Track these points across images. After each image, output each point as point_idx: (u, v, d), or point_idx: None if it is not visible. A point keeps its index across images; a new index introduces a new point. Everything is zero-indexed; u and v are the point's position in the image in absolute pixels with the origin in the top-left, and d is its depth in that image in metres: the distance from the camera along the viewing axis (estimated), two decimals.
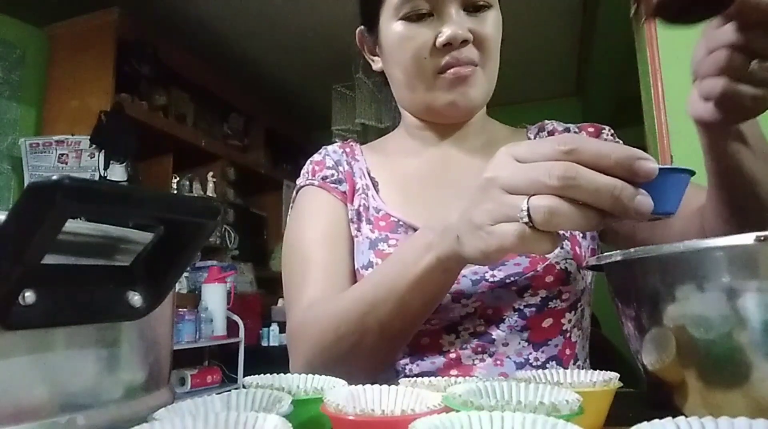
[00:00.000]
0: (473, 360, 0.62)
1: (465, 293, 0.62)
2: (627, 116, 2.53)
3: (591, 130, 0.74)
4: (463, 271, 0.62)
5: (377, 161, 0.76)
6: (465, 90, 0.65)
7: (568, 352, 0.64)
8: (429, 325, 0.63)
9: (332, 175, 0.73)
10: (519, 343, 0.62)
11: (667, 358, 0.36)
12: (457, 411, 0.29)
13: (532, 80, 3.69)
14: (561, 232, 0.64)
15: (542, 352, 0.63)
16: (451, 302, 0.62)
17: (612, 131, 0.73)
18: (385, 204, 0.70)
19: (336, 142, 0.82)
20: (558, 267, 0.61)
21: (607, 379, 0.40)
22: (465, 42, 0.63)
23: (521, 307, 0.62)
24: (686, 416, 0.26)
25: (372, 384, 0.39)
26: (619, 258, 0.38)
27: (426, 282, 0.50)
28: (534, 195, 0.38)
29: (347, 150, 0.78)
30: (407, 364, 0.64)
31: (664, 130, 1.49)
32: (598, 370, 0.43)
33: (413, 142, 0.75)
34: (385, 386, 0.38)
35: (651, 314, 0.36)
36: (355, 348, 0.55)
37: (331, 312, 0.58)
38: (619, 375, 0.41)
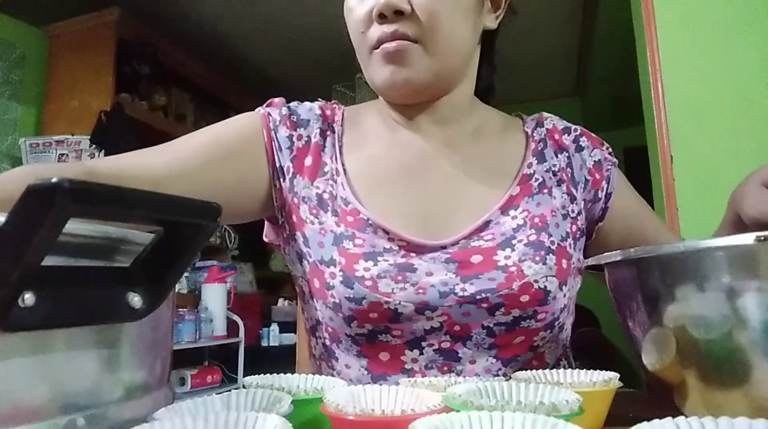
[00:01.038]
0: None
1: (430, 305, 0.57)
2: (627, 116, 2.53)
3: (593, 136, 0.70)
4: (432, 281, 0.58)
5: (353, 139, 0.69)
6: (396, 68, 0.60)
7: (535, 363, 0.61)
8: (390, 336, 0.58)
9: (277, 120, 0.67)
10: (487, 359, 0.59)
11: (667, 358, 0.36)
12: (457, 411, 0.29)
13: (532, 80, 3.69)
14: (550, 244, 0.60)
15: (510, 367, 0.59)
16: (414, 313, 0.57)
17: (611, 150, 0.70)
18: (355, 197, 0.63)
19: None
20: (536, 286, 0.56)
21: (607, 379, 0.40)
22: (400, 13, 0.57)
23: (491, 325, 0.57)
24: (686, 416, 0.26)
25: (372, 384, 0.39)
26: (619, 258, 0.38)
27: None
28: None
29: (327, 113, 0.70)
30: (368, 383, 0.61)
31: (664, 130, 1.49)
32: (598, 370, 0.43)
33: (389, 120, 0.69)
34: (385, 386, 0.38)
35: (651, 314, 0.36)
36: None
37: None
38: (619, 375, 0.41)
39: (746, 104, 1.43)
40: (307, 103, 0.71)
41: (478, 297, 0.56)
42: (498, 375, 0.58)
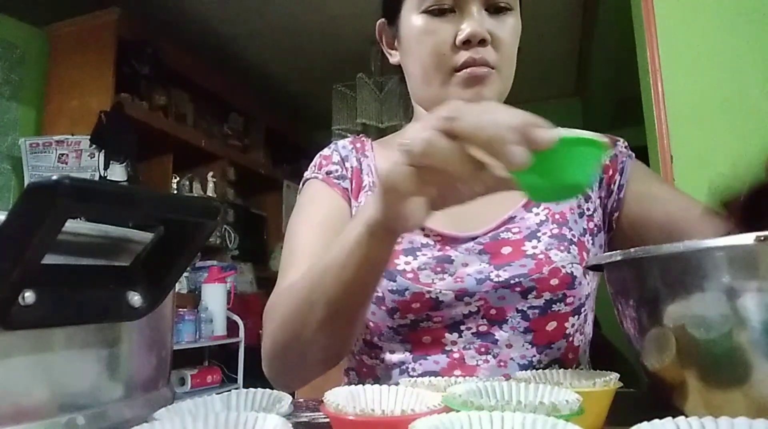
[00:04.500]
0: (477, 360, 0.62)
1: (468, 292, 0.62)
2: (627, 116, 2.53)
3: (606, 138, 0.73)
4: (468, 271, 0.62)
5: (386, 158, 0.76)
6: (479, 90, 0.65)
7: (570, 356, 0.64)
8: (431, 322, 0.63)
9: (336, 170, 0.74)
10: (523, 345, 0.62)
11: (667, 359, 0.36)
12: (457, 411, 0.29)
13: (532, 80, 3.68)
14: (571, 236, 0.64)
15: (545, 354, 0.62)
16: (454, 300, 0.62)
17: (626, 144, 0.73)
18: None
19: (347, 136, 0.82)
20: (564, 270, 0.61)
21: (607, 379, 0.40)
22: (483, 42, 0.63)
23: (524, 309, 0.61)
24: (686, 416, 0.26)
25: (376, 381, 0.39)
26: (618, 258, 0.38)
27: (358, 249, 0.48)
28: None
29: (357, 145, 0.78)
30: (409, 363, 0.64)
31: (664, 130, 1.49)
32: (598, 370, 0.43)
33: None
34: (385, 386, 0.38)
35: (651, 314, 0.36)
36: (306, 324, 0.54)
37: (291, 289, 0.58)
38: (619, 375, 0.41)
39: (746, 104, 1.43)
40: (340, 141, 0.80)
41: (512, 281, 0.61)
42: (533, 362, 0.62)
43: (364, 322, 0.66)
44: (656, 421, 0.26)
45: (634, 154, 0.73)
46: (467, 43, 0.63)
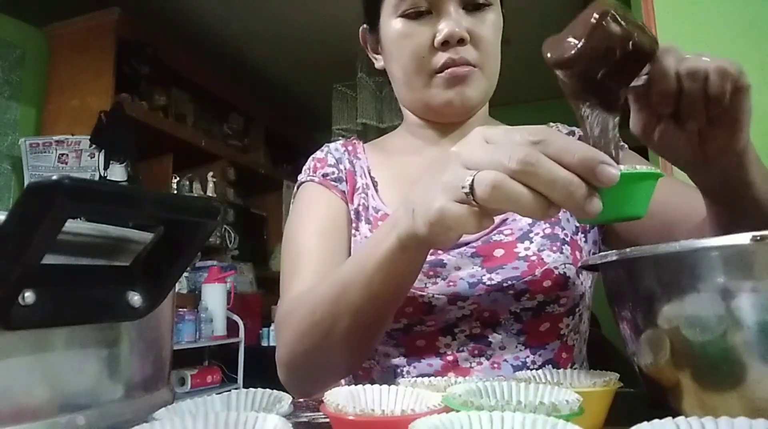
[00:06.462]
0: (470, 363, 0.62)
1: (461, 295, 0.61)
2: (626, 116, 2.53)
3: None
4: (461, 274, 0.62)
5: (378, 160, 0.76)
6: (462, 89, 0.65)
7: (564, 355, 0.64)
8: (425, 326, 0.62)
9: (333, 172, 0.73)
10: (516, 346, 0.62)
11: (662, 360, 0.35)
12: (457, 411, 0.29)
13: (532, 80, 3.68)
14: (564, 236, 0.64)
15: (539, 355, 0.62)
16: (447, 304, 0.62)
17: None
18: (384, 204, 0.70)
19: (338, 140, 0.82)
20: (556, 272, 0.61)
21: (607, 379, 0.40)
22: (462, 41, 0.63)
23: (518, 311, 0.61)
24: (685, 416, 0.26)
25: (372, 384, 0.39)
26: (614, 258, 0.38)
27: (389, 263, 0.47)
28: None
29: (349, 148, 0.78)
30: (404, 366, 0.64)
31: None
32: (598, 370, 0.43)
33: (414, 141, 0.75)
34: (385, 386, 0.38)
35: (646, 315, 0.36)
36: (329, 335, 0.53)
37: (310, 298, 0.57)
38: (619, 375, 0.41)
39: None
40: (332, 144, 0.79)
41: (504, 284, 0.61)
42: (526, 363, 0.62)
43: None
44: (656, 421, 0.26)
45: (626, 145, 0.70)
46: (446, 44, 0.63)
